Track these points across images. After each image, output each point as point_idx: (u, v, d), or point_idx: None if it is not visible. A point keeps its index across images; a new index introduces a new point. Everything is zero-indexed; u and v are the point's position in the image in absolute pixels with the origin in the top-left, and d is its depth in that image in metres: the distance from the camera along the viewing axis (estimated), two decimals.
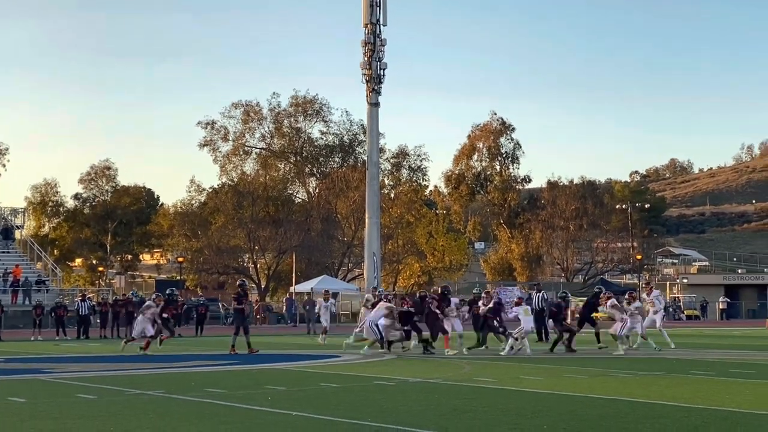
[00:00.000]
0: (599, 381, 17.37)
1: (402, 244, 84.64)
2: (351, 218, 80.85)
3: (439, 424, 11.22)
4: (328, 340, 32.02)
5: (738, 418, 11.76)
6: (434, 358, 24.25)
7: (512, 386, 16.31)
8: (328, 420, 11.67)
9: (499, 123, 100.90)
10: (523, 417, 11.89)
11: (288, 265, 74.63)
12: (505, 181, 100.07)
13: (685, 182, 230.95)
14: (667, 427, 10.97)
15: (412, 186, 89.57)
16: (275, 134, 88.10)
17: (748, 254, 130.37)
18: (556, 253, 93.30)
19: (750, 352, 25.16)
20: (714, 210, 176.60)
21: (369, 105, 71.37)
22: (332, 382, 17.16)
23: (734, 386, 16.34)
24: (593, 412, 12.50)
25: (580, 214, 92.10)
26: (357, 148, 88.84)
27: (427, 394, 15.18)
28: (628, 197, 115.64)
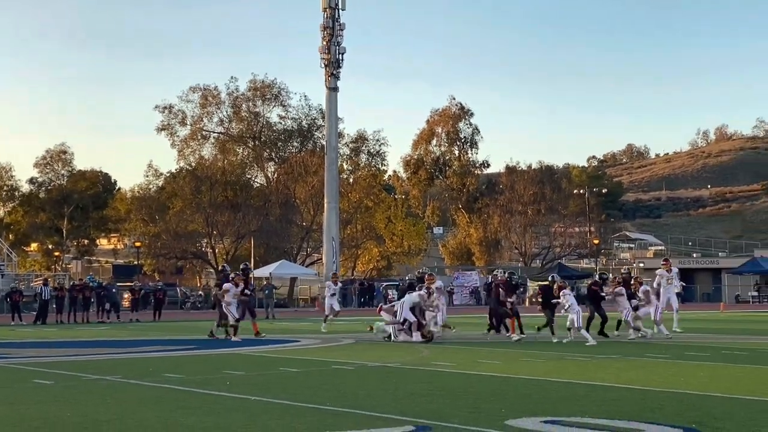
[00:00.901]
0: (556, 365, 17.49)
1: (361, 229, 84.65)
2: (310, 203, 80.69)
3: (397, 407, 11.25)
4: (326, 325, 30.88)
5: (693, 400, 11.90)
6: (397, 343, 24.28)
7: (470, 370, 16.38)
8: (287, 404, 11.67)
9: (458, 108, 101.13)
10: (481, 400, 11.95)
11: (246, 250, 74.47)
12: (464, 166, 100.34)
13: (641, 167, 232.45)
14: (624, 409, 11.07)
15: (370, 171, 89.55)
16: (233, 118, 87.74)
17: (703, 239, 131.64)
18: (514, 238, 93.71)
19: (704, 335, 25.43)
20: (670, 195, 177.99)
21: (328, 89, 71.25)
22: (291, 367, 17.16)
23: (689, 368, 16.52)
24: (551, 395, 12.58)
25: (538, 199, 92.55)
26: (316, 132, 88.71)
27: (386, 378, 15.22)
28: (586, 182, 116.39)
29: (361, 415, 10.60)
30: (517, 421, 9.94)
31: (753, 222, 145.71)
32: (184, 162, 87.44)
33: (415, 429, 9.51)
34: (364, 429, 9.44)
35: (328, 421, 10.07)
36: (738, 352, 20.20)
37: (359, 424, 9.79)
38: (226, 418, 10.38)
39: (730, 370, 16.26)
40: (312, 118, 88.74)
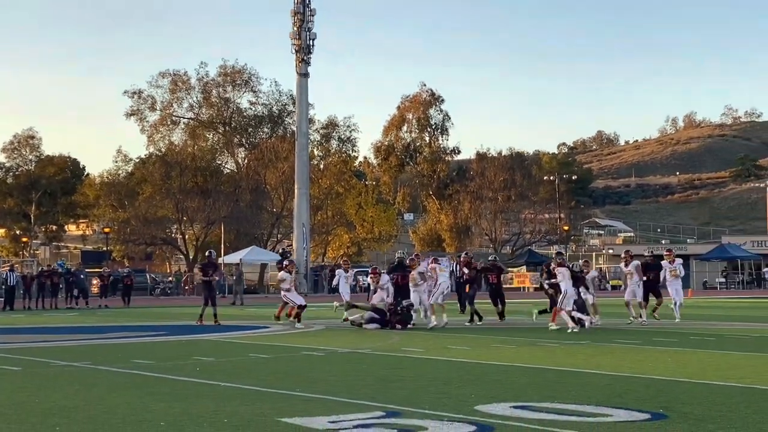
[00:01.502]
0: (526, 350, 17.56)
1: (331, 215, 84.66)
2: (280, 189, 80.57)
3: (367, 393, 11.26)
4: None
5: (661, 385, 11.97)
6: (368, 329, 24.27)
7: (440, 356, 16.42)
8: (257, 390, 11.66)
9: (429, 94, 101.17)
10: (450, 386, 11.98)
11: (216, 236, 74.28)
12: (435, 153, 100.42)
13: (611, 154, 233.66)
14: (592, 394, 11.13)
15: (341, 157, 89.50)
16: (203, 104, 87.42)
17: (672, 225, 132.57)
18: (484, 224, 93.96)
19: (672, 321, 25.58)
20: (639, 182, 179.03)
21: (298, 75, 71.19)
22: (261, 353, 17.14)
23: (657, 354, 16.63)
24: (520, 381, 12.63)
25: (508, 185, 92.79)
26: (286, 118, 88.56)
27: (356, 364, 15.23)
28: (556, 169, 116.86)
29: (331, 401, 10.60)
30: (487, 407, 9.97)
31: (721, 209, 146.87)
32: (153, 147, 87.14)
33: (385, 414, 9.52)
34: (334, 414, 9.44)
35: (298, 407, 10.06)
36: (705, 338, 20.34)
37: (329, 410, 9.79)
38: (195, 404, 10.35)
39: (698, 355, 16.38)
40: (282, 103, 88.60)
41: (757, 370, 13.83)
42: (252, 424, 8.97)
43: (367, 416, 9.39)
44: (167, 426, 8.90)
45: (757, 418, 9.26)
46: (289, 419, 9.19)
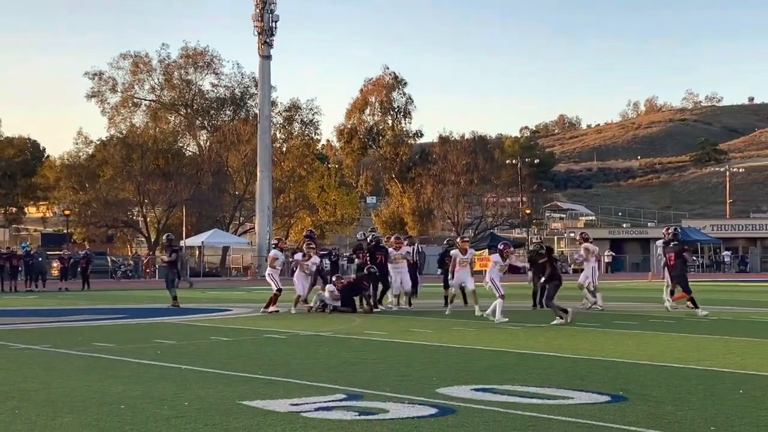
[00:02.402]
0: (487, 333, 17.63)
1: (294, 198, 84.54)
2: (242, 172, 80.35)
3: (329, 376, 11.27)
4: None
5: (621, 368, 12.07)
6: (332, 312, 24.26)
7: (401, 339, 16.45)
8: (219, 373, 11.63)
9: (392, 77, 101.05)
10: (411, 368, 12.01)
11: (178, 219, 73.92)
12: (397, 136, 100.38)
13: (573, 138, 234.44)
14: (553, 376, 11.20)
15: (304, 140, 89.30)
16: (165, 86, 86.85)
17: (633, 209, 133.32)
18: (447, 208, 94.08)
19: (633, 304, 25.79)
20: (601, 165, 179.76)
21: (261, 58, 70.94)
22: (223, 336, 17.10)
23: (617, 337, 16.75)
24: (481, 363, 12.69)
25: (470, 168, 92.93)
26: (248, 101, 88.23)
27: (318, 347, 15.23)
28: (518, 152, 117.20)
29: (292, 384, 10.60)
30: (448, 389, 10.00)
31: (681, 193, 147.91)
32: (115, 130, 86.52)
33: (347, 397, 9.53)
34: (296, 397, 9.44)
35: (259, 390, 10.05)
36: (665, 321, 20.52)
37: (291, 393, 9.79)
38: (156, 387, 10.31)
39: (658, 338, 16.51)
40: (245, 86, 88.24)
41: (714, 353, 13.97)
42: (213, 406, 8.95)
43: (328, 399, 9.40)
44: (127, 409, 8.86)
45: (714, 399, 9.36)
46: (250, 402, 9.18)
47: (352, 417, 8.35)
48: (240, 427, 7.91)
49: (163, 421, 8.19)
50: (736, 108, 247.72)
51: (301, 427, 7.88)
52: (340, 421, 8.13)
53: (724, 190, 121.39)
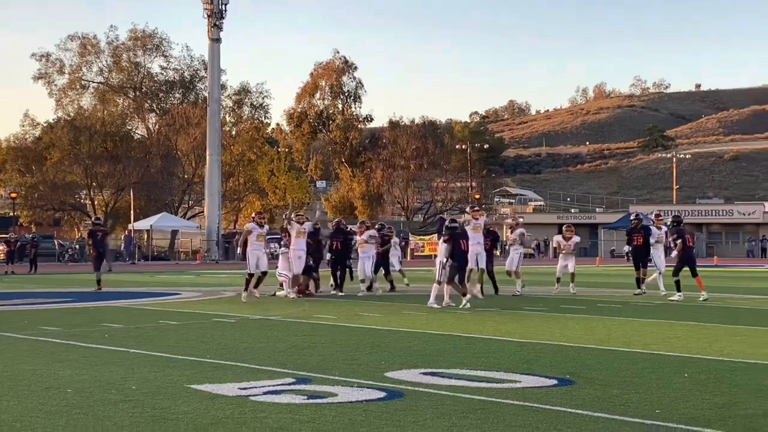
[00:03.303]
0: (436, 318, 17.68)
1: (243, 182, 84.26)
2: (192, 155, 79.89)
3: (278, 360, 11.26)
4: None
5: (568, 351, 12.17)
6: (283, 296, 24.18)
7: (351, 323, 16.46)
8: (167, 357, 11.57)
9: (342, 62, 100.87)
10: (360, 352, 12.03)
11: (126, 202, 73.37)
12: (347, 120, 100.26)
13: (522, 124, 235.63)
14: (501, 360, 11.27)
15: (253, 123, 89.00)
16: (113, 68, 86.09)
17: (581, 194, 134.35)
18: (396, 192, 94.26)
19: (580, 289, 25.97)
20: (549, 151, 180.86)
21: (210, 41, 70.44)
22: (171, 320, 17.01)
23: (565, 321, 16.88)
24: (430, 347, 12.72)
25: (420, 153, 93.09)
26: (198, 84, 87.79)
27: (267, 330, 15.20)
28: (468, 138, 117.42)
29: (241, 368, 10.57)
30: (397, 373, 10.03)
31: (629, 179, 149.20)
32: (62, 112, 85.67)
33: (296, 381, 9.53)
34: (245, 381, 9.42)
35: (208, 374, 10.02)
36: (612, 305, 20.72)
37: (239, 377, 9.77)
38: (104, 371, 10.24)
39: (604, 322, 16.65)
40: (194, 69, 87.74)
41: (660, 337, 14.12)
42: (161, 390, 8.91)
43: (277, 383, 9.39)
44: (75, 393, 8.79)
45: (660, 383, 9.47)
46: (199, 386, 9.15)
47: (301, 400, 8.35)
48: (188, 410, 7.88)
49: (111, 405, 8.14)
50: (683, 95, 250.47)
51: (249, 410, 7.87)
52: (288, 405, 8.12)
53: (670, 176, 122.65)
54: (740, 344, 13.07)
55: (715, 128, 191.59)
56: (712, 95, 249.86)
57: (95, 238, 28.39)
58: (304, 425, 7.25)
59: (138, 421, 7.47)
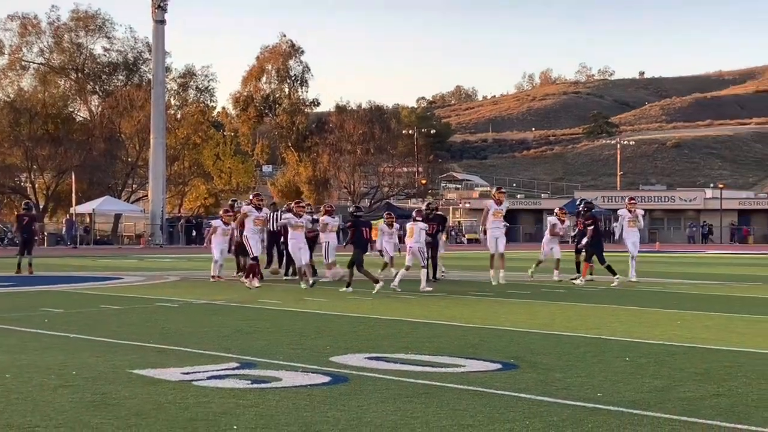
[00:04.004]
0: (382, 302, 17.69)
1: (188, 166, 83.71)
2: (135, 138, 79.16)
3: (222, 344, 11.20)
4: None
5: (513, 336, 12.24)
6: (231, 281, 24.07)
7: (296, 308, 16.42)
8: (108, 342, 11.46)
9: (289, 45, 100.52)
10: (305, 337, 12.00)
11: (68, 186, 72.51)
12: (294, 105, 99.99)
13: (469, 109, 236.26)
14: (446, 344, 11.30)
15: (199, 107, 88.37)
16: (55, 49, 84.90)
17: (527, 180, 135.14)
18: (343, 177, 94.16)
19: (526, 274, 26.11)
20: (496, 137, 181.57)
21: (154, 22, 69.78)
22: (113, 304, 16.85)
23: (510, 306, 16.97)
24: (375, 332, 12.73)
25: (367, 138, 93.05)
26: (142, 66, 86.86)
27: (211, 315, 15.11)
28: (415, 123, 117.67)
29: (185, 352, 10.51)
30: (342, 358, 10.02)
31: (574, 165, 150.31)
32: (1, 93, 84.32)
33: (240, 365, 9.48)
34: (188, 366, 9.36)
35: (150, 359, 9.94)
36: (556, 290, 20.87)
37: (183, 361, 9.70)
38: (43, 356, 10.12)
39: (548, 307, 16.76)
40: (138, 51, 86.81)
41: (602, 321, 14.24)
42: (103, 375, 8.82)
43: (221, 367, 9.34)
44: (13, 378, 8.68)
45: (601, 367, 9.55)
46: (141, 371, 9.06)
47: (245, 385, 8.31)
48: (130, 395, 7.80)
49: (50, 390, 8.04)
50: (628, 82, 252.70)
51: (192, 395, 7.81)
52: (232, 390, 8.08)
53: (615, 162, 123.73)
54: (680, 329, 13.23)
55: (658, 115, 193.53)
56: (655, 83, 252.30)
57: (21, 223, 28.25)
58: (247, 410, 7.21)
59: (78, 406, 7.38)
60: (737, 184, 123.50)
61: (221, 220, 24.36)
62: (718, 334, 12.63)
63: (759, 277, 27.15)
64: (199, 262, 33.39)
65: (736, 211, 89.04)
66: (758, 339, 12.05)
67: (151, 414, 7.09)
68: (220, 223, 24.20)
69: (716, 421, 6.90)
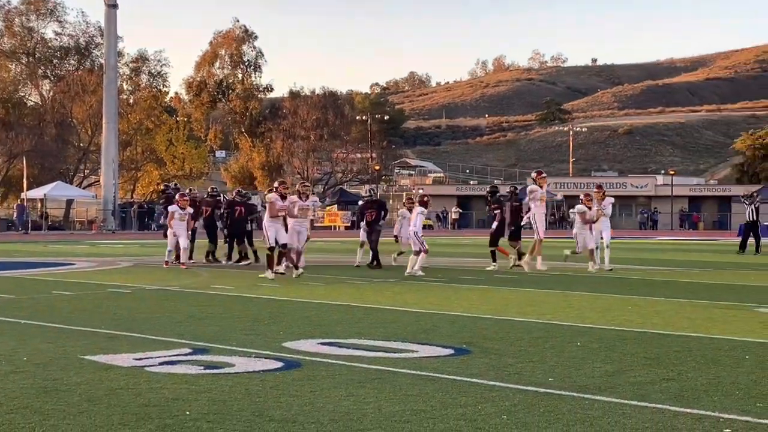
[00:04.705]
0: (335, 288, 17.70)
1: (141, 151, 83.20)
2: (88, 123, 78.50)
3: (175, 330, 11.16)
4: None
5: (465, 322, 12.28)
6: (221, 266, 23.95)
7: (249, 293, 16.39)
8: (60, 328, 11.37)
9: (242, 31, 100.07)
10: (259, 323, 11.99)
11: (19, 171, 71.70)
12: (247, 90, 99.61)
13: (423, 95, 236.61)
14: (399, 330, 11.32)
15: (151, 92, 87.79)
16: (5, 33, 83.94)
17: (480, 166, 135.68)
18: (296, 163, 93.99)
19: (479, 260, 26.22)
20: (449, 123, 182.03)
21: (106, 6, 69.18)
22: (65, 290, 16.71)
23: (463, 291, 17.03)
24: (329, 318, 12.74)
25: (321, 124, 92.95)
26: (94, 51, 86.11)
27: (164, 301, 15.05)
28: (368, 109, 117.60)
29: (137, 338, 10.45)
30: (295, 343, 10.02)
31: (527, 151, 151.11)
32: None
33: (192, 351, 9.45)
34: (140, 352, 9.31)
35: (102, 345, 9.88)
36: (509, 276, 20.97)
37: (135, 347, 9.65)
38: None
39: (501, 292, 16.86)
40: (90, 35, 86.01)
41: (555, 307, 14.34)
42: (54, 361, 8.75)
43: (173, 353, 9.31)
44: None
45: (553, 352, 9.62)
46: (92, 357, 9.01)
47: (198, 371, 8.29)
48: (81, 381, 7.76)
49: (1, 377, 7.97)
50: (580, 69, 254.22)
51: (144, 381, 7.78)
52: (184, 375, 8.05)
53: (567, 149, 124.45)
54: (631, 314, 13.35)
55: (610, 102, 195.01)
56: (607, 70, 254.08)
57: None
58: (200, 395, 7.19)
59: (29, 392, 7.33)
60: (688, 171, 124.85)
61: (177, 205, 23.88)
62: (669, 319, 12.77)
63: (708, 263, 27.46)
64: (152, 248, 33.20)
65: (687, 197, 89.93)
66: (707, 324, 12.20)
67: (103, 400, 7.05)
68: (176, 209, 23.66)
69: (666, 405, 6.98)
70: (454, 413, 6.68)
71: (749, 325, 12.11)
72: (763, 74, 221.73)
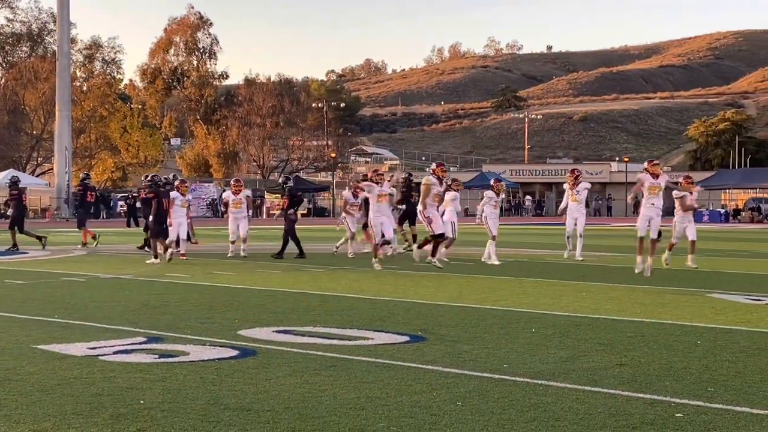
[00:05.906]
0: (290, 276, 17.68)
1: (95, 139, 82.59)
2: (40, 111, 77.78)
3: (129, 319, 11.10)
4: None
5: (420, 309, 12.32)
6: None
7: (204, 282, 16.34)
8: (12, 317, 11.28)
9: (197, 17, 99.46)
10: (214, 311, 11.95)
11: None
12: (202, 77, 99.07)
13: (379, 82, 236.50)
14: (354, 318, 11.35)
15: (105, 79, 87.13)
16: None
17: (436, 153, 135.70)
18: (252, 150, 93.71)
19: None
20: (405, 110, 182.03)
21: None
22: (17, 279, 16.57)
23: (418, 279, 17.07)
24: (284, 305, 12.73)
25: (276, 111, 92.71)
26: (47, 37, 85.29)
27: (118, 290, 14.95)
28: (324, 96, 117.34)
29: (91, 327, 10.39)
30: (250, 331, 10.01)
31: (482, 138, 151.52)
32: None
33: (147, 340, 9.42)
34: (94, 341, 9.26)
35: (56, 334, 9.81)
36: (464, 263, 21.04)
37: (89, 336, 9.59)
38: None
39: (456, 280, 16.91)
40: (42, 21, 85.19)
41: (509, 293, 14.42)
42: (6, 350, 8.69)
43: (128, 342, 9.27)
44: None
45: (508, 338, 9.68)
46: (46, 346, 8.95)
47: (152, 359, 8.26)
48: (34, 371, 7.70)
49: None
50: (536, 56, 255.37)
51: (98, 370, 7.74)
52: (139, 364, 8.02)
53: (522, 136, 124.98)
54: (585, 300, 13.46)
55: (566, 89, 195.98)
56: (562, 57, 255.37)
57: None
58: (154, 384, 7.17)
59: None
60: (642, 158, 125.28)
61: (178, 191, 22.92)
62: (622, 305, 12.89)
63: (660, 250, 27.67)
64: (106, 237, 32.94)
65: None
66: (660, 310, 12.32)
67: (57, 389, 7.01)
68: (177, 195, 22.64)
69: (619, 390, 7.06)
70: (410, 400, 6.72)
71: (701, 311, 12.25)
72: (715, 62, 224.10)
